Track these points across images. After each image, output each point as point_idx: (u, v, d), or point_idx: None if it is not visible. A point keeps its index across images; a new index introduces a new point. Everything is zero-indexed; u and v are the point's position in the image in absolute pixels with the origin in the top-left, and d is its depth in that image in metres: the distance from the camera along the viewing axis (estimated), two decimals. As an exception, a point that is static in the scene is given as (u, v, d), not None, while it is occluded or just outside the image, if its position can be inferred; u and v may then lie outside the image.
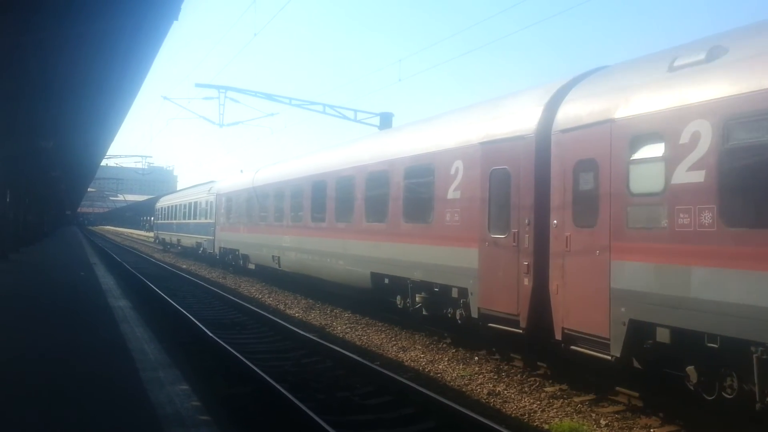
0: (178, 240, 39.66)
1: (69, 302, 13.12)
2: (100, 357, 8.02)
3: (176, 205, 41.11)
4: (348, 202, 15.11)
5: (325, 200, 16.52)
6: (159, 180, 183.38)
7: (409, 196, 12.48)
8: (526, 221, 9.25)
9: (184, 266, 31.58)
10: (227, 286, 22.13)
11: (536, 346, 9.75)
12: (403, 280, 12.51)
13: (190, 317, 13.53)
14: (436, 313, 11.82)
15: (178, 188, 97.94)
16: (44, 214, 58.51)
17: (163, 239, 46.99)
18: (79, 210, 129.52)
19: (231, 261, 26.94)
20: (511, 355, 10.51)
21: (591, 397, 8.46)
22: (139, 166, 70.17)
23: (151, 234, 75.92)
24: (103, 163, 43.66)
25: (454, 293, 10.87)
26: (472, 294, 10.30)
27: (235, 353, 9.91)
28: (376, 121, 27.89)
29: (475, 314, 10.23)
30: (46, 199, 51.32)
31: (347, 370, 9.70)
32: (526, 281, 9.13)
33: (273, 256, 20.38)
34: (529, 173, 9.26)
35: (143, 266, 30.60)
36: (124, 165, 75.47)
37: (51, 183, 38.08)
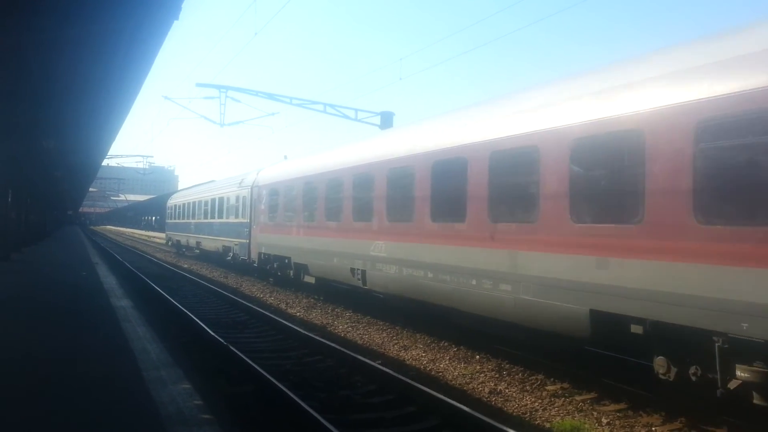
0: (197, 243, 34.21)
1: (71, 302, 13.14)
2: (102, 356, 8.04)
3: (194, 202, 35.37)
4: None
5: (465, 189, 10.35)
6: (160, 180, 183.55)
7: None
8: None
9: (185, 265, 31.60)
10: (229, 286, 22.14)
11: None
12: (696, 333, 6.76)
13: (192, 316, 13.56)
14: None
15: (179, 188, 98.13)
16: (46, 214, 58.58)
17: (178, 241, 41.18)
18: (80, 210, 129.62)
19: (275, 271, 20.96)
20: (513, 353, 10.51)
21: (592, 395, 8.46)
22: (141, 165, 70.44)
23: (151, 234, 76.15)
24: (105, 163, 43.34)
25: None
26: None
27: (237, 352, 9.93)
28: (377, 120, 27.93)
29: None
30: (47, 199, 51.39)
31: (349, 368, 9.72)
32: None
33: (353, 270, 14.25)
34: None
35: (145, 266, 30.64)
36: (126, 165, 75.73)
37: (53, 183, 38.12)
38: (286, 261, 19.35)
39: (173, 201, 43.79)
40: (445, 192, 10.95)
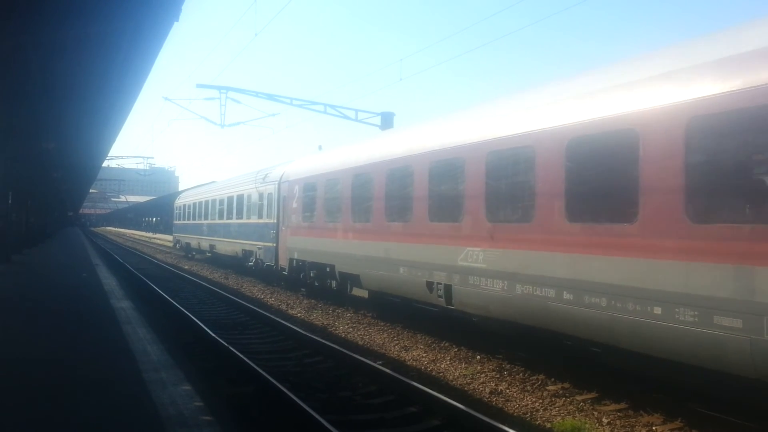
0: (211, 246, 31.12)
1: (72, 303, 13.14)
2: (102, 358, 8.04)
3: (207, 201, 32.32)
4: None
5: (639, 174, 7.22)
6: (160, 181, 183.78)
7: None
8: None
9: (186, 267, 31.60)
10: (229, 287, 22.14)
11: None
12: None
13: (193, 318, 13.56)
14: None
15: (180, 188, 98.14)
16: (46, 216, 58.60)
17: (187, 244, 37.85)
18: (81, 211, 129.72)
19: (310, 281, 17.79)
20: (514, 353, 10.51)
21: (593, 395, 8.46)
22: (141, 167, 70.61)
23: (151, 235, 76.19)
24: (105, 164, 43.25)
25: None
26: None
27: (238, 353, 9.93)
28: (377, 120, 27.94)
29: None
30: (48, 201, 51.41)
31: (349, 369, 9.72)
32: None
33: (432, 284, 11.18)
34: None
35: (145, 267, 30.65)
36: (126, 166, 75.97)
37: (53, 184, 38.16)
38: (328, 270, 16.10)
39: (182, 200, 40.40)
40: (598, 179, 7.77)
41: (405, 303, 13.60)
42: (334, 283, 16.27)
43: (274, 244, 20.85)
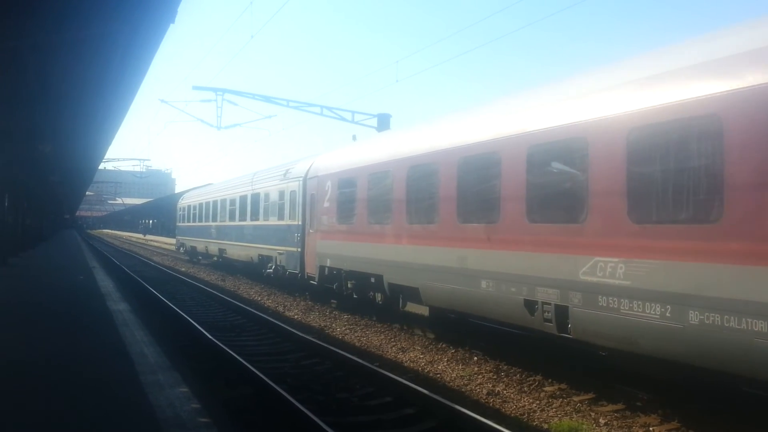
0: (220, 250, 28.60)
1: (68, 306, 13.11)
2: (99, 361, 8.03)
3: (216, 201, 29.74)
4: None
5: None
6: (157, 183, 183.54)
7: None
8: None
9: (183, 269, 31.55)
10: (226, 289, 22.12)
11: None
12: None
13: (190, 320, 13.55)
14: None
15: (176, 191, 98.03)
16: (43, 218, 58.50)
17: (192, 248, 35.18)
18: (77, 214, 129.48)
19: (347, 292, 15.30)
20: (511, 354, 10.52)
21: (590, 396, 8.47)
22: (137, 169, 70.45)
23: (148, 237, 76.14)
24: (101, 166, 43.29)
25: None
26: None
27: (235, 355, 9.93)
28: (374, 122, 27.97)
29: None
30: (44, 203, 51.32)
31: (347, 371, 9.72)
32: None
33: (535, 304, 8.70)
34: None
35: (142, 270, 30.60)
36: (123, 168, 75.81)
37: (49, 187, 38.07)
38: (372, 280, 13.69)
39: (186, 201, 37.50)
40: None
41: (479, 325, 11.76)
42: (379, 296, 13.79)
43: (299, 249, 18.45)
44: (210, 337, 11.55)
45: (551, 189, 8.54)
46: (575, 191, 8.07)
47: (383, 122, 27.67)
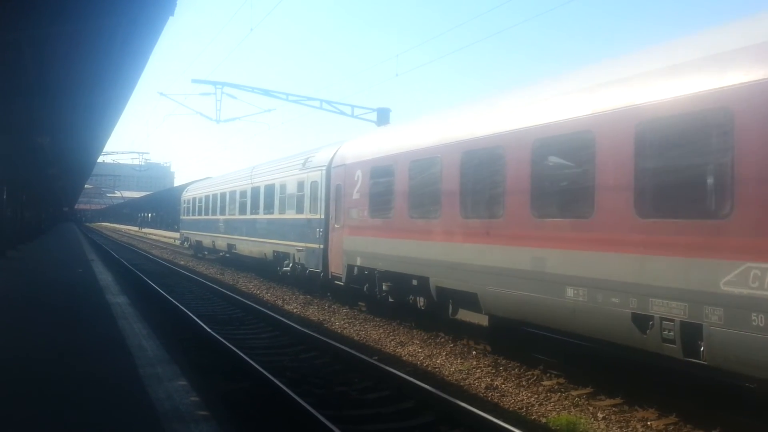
0: (229, 246, 27.05)
1: (67, 299, 13.12)
2: (98, 353, 8.03)
3: (224, 193, 28.14)
4: None
5: None
6: (156, 176, 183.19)
7: None
8: None
9: (182, 262, 31.55)
10: (225, 282, 22.12)
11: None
12: None
13: (189, 313, 13.56)
14: None
15: (175, 184, 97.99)
16: (41, 211, 58.44)
17: (198, 242, 33.55)
18: (76, 207, 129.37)
19: (382, 295, 13.52)
20: (510, 349, 10.53)
21: (588, 390, 8.49)
22: (136, 162, 70.34)
23: (146, 230, 76.05)
24: (100, 159, 43.24)
25: None
26: None
27: (234, 349, 9.94)
28: (374, 116, 27.92)
29: None
30: (43, 196, 51.26)
31: (345, 365, 9.73)
32: None
33: (647, 318, 6.96)
34: None
35: (140, 263, 30.59)
36: (121, 161, 75.75)
37: (48, 180, 38.01)
38: (415, 283, 12.07)
39: (192, 193, 35.51)
40: None
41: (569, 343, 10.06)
42: (422, 301, 12.18)
43: (321, 246, 16.83)
44: (209, 330, 11.56)
45: (669, 175, 6.71)
46: (718, 176, 6.34)
47: (383, 116, 27.62)
